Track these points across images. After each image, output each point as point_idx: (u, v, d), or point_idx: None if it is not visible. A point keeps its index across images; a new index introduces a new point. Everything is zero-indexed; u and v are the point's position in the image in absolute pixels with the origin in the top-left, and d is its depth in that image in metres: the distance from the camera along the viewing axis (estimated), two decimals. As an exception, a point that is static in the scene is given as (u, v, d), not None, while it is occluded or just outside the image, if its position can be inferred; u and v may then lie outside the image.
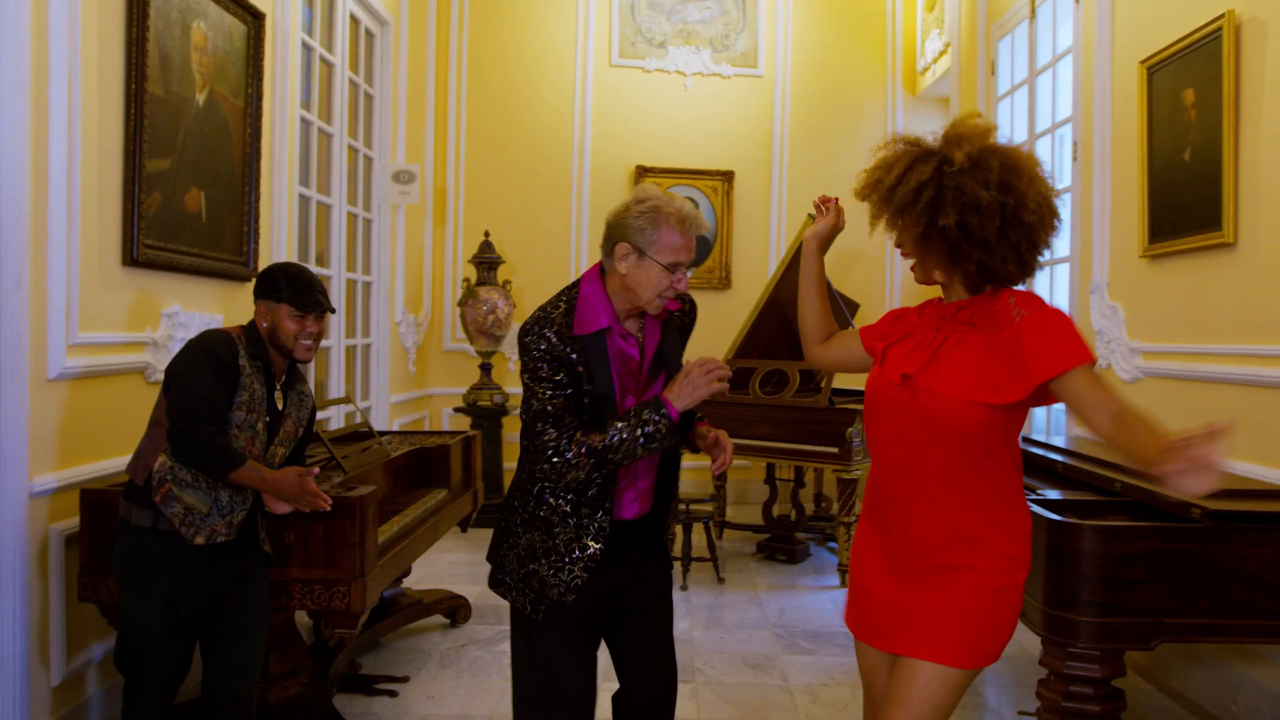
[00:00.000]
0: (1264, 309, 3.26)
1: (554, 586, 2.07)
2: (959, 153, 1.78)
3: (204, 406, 2.33)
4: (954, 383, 1.80)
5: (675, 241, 2.05)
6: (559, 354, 2.03)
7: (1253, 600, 2.34)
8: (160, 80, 3.26)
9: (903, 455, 1.88)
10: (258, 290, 2.56)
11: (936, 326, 1.91)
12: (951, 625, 1.82)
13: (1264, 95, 3.28)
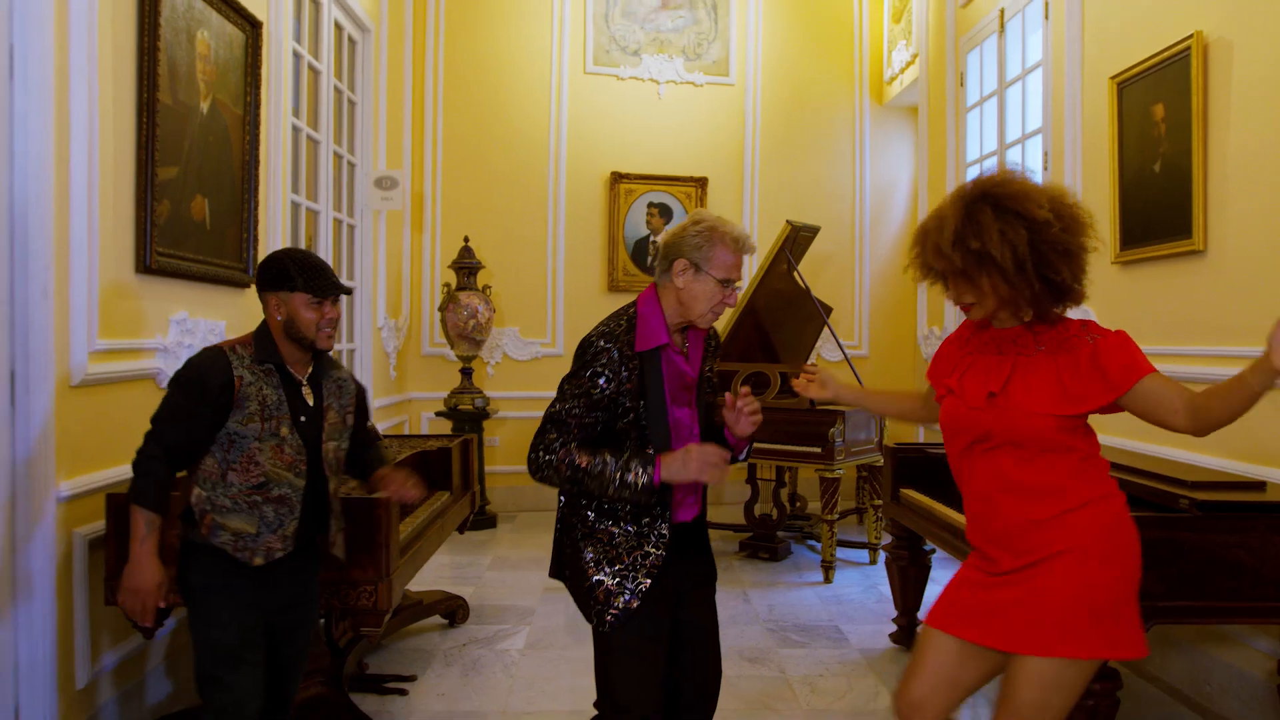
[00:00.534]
0: (1233, 312, 3.46)
1: (619, 595, 2.17)
2: (1041, 211, 1.94)
3: (160, 424, 2.28)
4: (1033, 398, 2.00)
5: (728, 259, 2.21)
6: (616, 368, 2.16)
7: (1236, 585, 2.51)
8: (169, 89, 3.29)
9: (992, 465, 2.06)
10: (265, 282, 2.41)
11: (999, 350, 2.08)
12: (1047, 615, 1.96)
13: (1230, 111, 3.48)
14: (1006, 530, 2.03)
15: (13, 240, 2.58)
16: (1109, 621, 1.96)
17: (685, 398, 2.26)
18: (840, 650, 4.14)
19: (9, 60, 2.57)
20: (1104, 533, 2.01)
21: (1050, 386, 2.00)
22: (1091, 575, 1.96)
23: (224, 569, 2.33)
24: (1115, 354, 1.96)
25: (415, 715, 3.40)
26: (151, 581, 2.27)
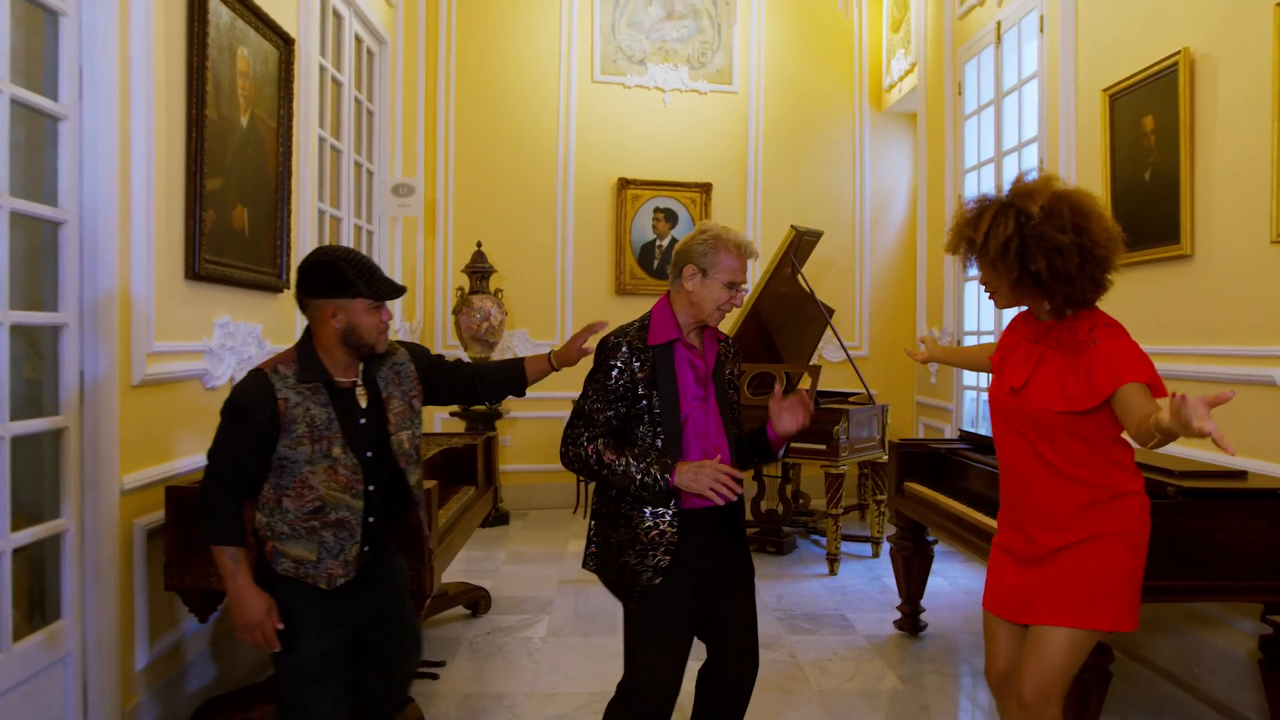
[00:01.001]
0: (1219, 313, 3.66)
1: (642, 573, 2.37)
2: (1034, 206, 2.14)
3: (216, 462, 2.25)
4: (1040, 394, 2.22)
5: (732, 264, 2.43)
6: (629, 359, 2.38)
7: (1219, 565, 2.72)
8: (215, 104, 3.48)
9: (1022, 449, 2.29)
10: (319, 289, 2.29)
11: (1035, 339, 2.30)
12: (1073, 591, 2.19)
13: (1216, 123, 3.69)
14: (1038, 511, 2.25)
15: (82, 252, 2.77)
16: (1123, 600, 2.19)
17: (699, 393, 2.45)
18: (847, 636, 4.34)
19: (79, 82, 2.76)
20: (1130, 524, 2.22)
21: (1055, 385, 2.21)
22: (1115, 560, 2.18)
23: (300, 591, 2.30)
24: (1103, 362, 2.12)
25: (447, 697, 3.59)
26: (259, 611, 2.24)
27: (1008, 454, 2.33)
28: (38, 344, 2.73)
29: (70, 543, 2.77)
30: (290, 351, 2.34)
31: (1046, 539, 2.24)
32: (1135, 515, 2.23)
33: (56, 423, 2.72)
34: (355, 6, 5.41)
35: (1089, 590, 2.18)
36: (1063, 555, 2.22)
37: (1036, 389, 2.24)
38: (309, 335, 2.34)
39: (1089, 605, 2.18)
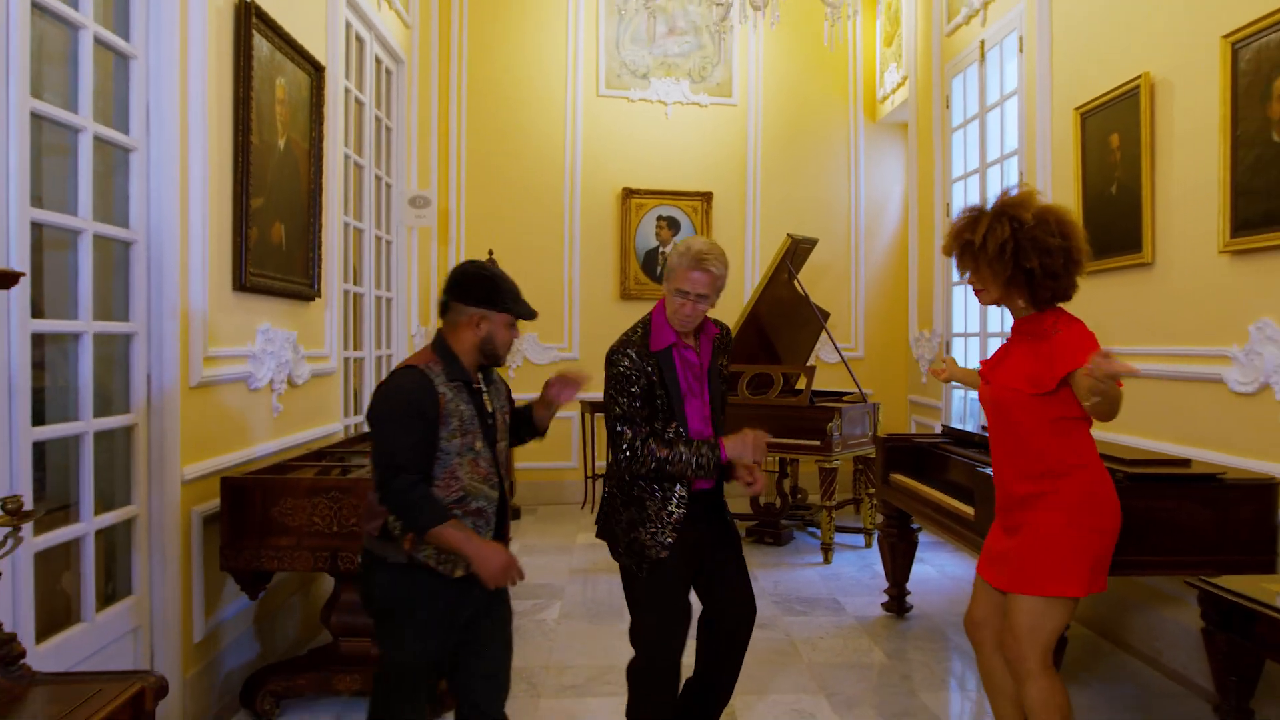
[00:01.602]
0: (1175, 316, 3.99)
1: (651, 547, 2.72)
2: (1026, 214, 2.51)
3: (400, 456, 2.30)
4: (1007, 378, 2.59)
5: (681, 274, 2.74)
6: (639, 367, 2.71)
7: (1162, 541, 3.05)
8: (257, 130, 3.82)
9: (998, 429, 2.68)
10: (473, 298, 2.44)
11: (1015, 334, 2.69)
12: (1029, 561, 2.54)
13: (1173, 142, 4.01)
14: (1009, 488, 2.63)
15: (149, 268, 3.12)
16: (1085, 566, 2.52)
17: (696, 388, 2.80)
18: (838, 617, 4.68)
19: (146, 117, 3.11)
20: (1085, 496, 2.56)
21: (1022, 368, 2.59)
22: (1073, 529, 2.52)
23: (424, 585, 2.37)
24: (1062, 349, 2.50)
25: (471, 670, 3.92)
26: (504, 554, 2.33)
27: (993, 437, 2.71)
28: (113, 350, 3.08)
29: (140, 527, 3.12)
30: (428, 353, 2.47)
31: (1014, 507, 2.62)
32: (1085, 489, 2.57)
33: (128, 420, 3.06)
34: (375, 30, 5.75)
35: (1039, 560, 2.53)
36: (1024, 526, 2.57)
37: (1005, 374, 2.63)
38: (444, 339, 2.48)
39: (1040, 574, 2.53)
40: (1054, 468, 2.56)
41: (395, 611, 2.39)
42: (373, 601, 2.43)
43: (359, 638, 3.51)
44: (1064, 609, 2.57)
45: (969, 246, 2.62)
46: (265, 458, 3.84)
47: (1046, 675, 2.55)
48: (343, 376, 5.10)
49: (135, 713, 1.60)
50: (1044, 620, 2.56)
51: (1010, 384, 2.59)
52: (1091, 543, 2.57)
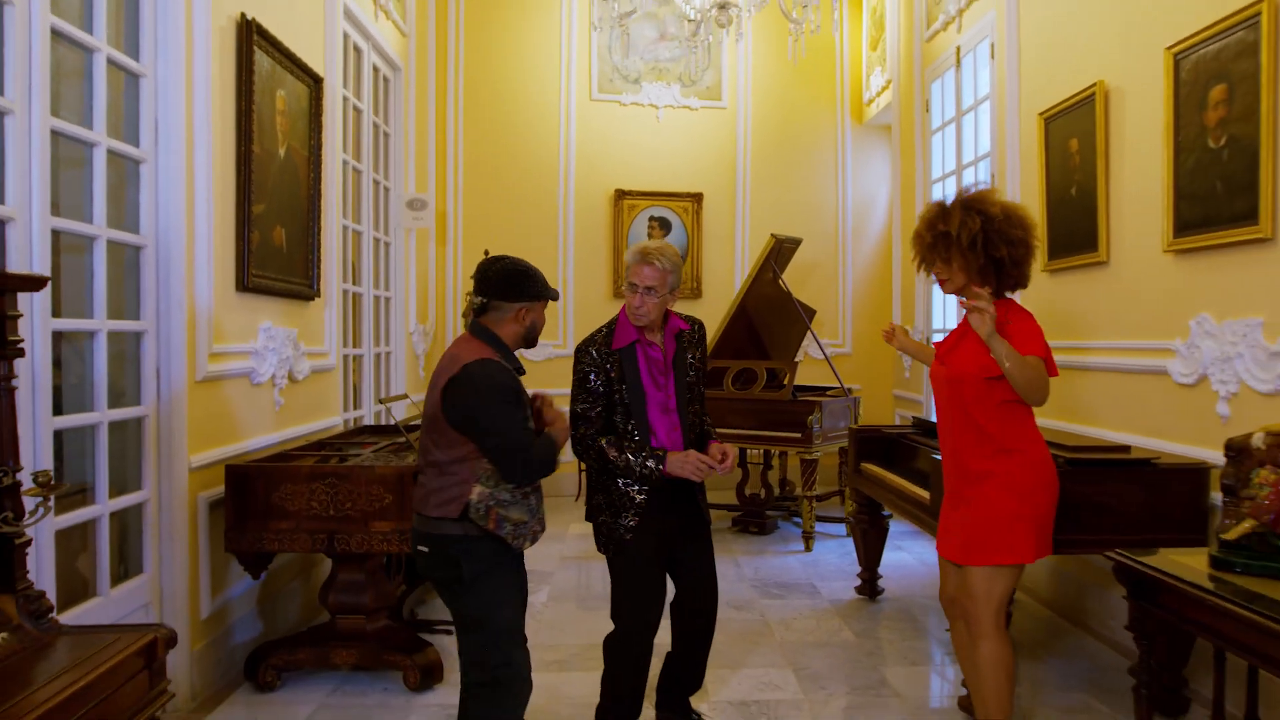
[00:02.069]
0: (1128, 312, 4.21)
1: (616, 529, 2.96)
2: (993, 209, 2.78)
3: (524, 435, 2.53)
4: (962, 360, 2.83)
5: (632, 269, 3.01)
6: (599, 363, 2.96)
7: (1098, 521, 3.28)
8: (259, 140, 4.06)
9: (948, 410, 2.92)
10: (520, 293, 2.64)
11: (961, 327, 2.93)
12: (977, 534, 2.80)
13: (1125, 146, 4.23)
14: (958, 465, 2.88)
15: (158, 270, 3.36)
16: (1030, 536, 2.78)
17: (661, 381, 3.04)
18: (813, 600, 4.91)
19: (154, 131, 3.35)
20: (1026, 472, 2.82)
21: (975, 355, 2.83)
22: (1016, 503, 2.77)
23: (502, 555, 2.59)
24: (1011, 339, 2.76)
25: (461, 648, 4.17)
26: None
27: (942, 417, 2.95)
28: (125, 347, 3.32)
29: (150, 510, 3.37)
30: (483, 346, 2.60)
31: (964, 485, 2.87)
32: (1029, 466, 2.81)
33: (140, 412, 3.31)
34: (373, 40, 5.99)
35: (990, 532, 2.79)
36: (974, 500, 2.82)
37: (960, 356, 2.88)
38: (491, 331, 2.64)
39: (991, 545, 2.80)
40: (1001, 446, 2.81)
41: (484, 578, 2.55)
42: (461, 569, 2.54)
43: (355, 615, 3.75)
44: (1013, 574, 2.85)
45: (944, 237, 2.86)
46: (267, 448, 4.08)
47: (999, 636, 2.82)
48: (342, 372, 5.34)
49: (148, 659, 1.84)
50: (996, 585, 2.82)
51: (964, 368, 2.84)
52: (1037, 515, 2.83)
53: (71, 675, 1.67)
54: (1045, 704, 3.59)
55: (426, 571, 2.66)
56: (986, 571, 2.81)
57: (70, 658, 1.75)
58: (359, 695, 3.64)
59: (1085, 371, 4.55)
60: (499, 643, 2.58)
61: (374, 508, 3.54)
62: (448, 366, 2.57)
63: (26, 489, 1.82)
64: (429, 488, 2.59)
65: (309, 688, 3.70)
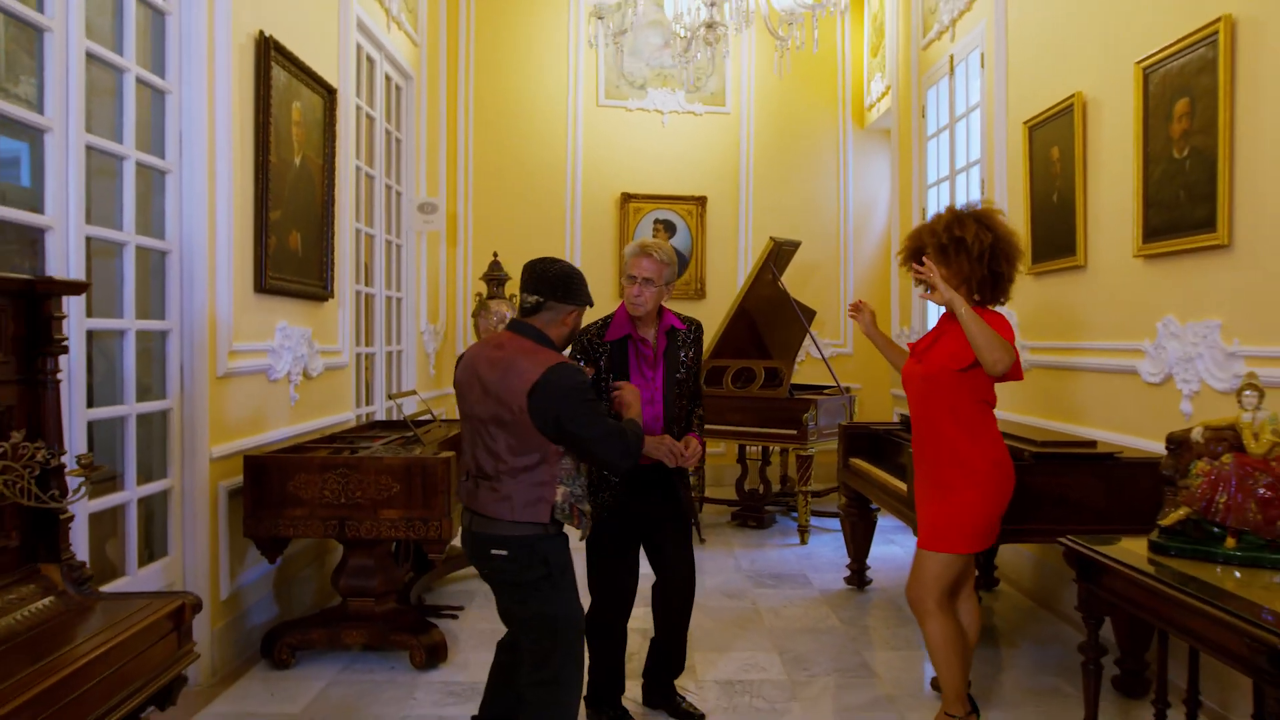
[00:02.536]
0: (1103, 314, 4.40)
1: (595, 509, 3.17)
2: (1001, 229, 3.05)
3: (617, 428, 2.61)
4: (937, 356, 3.04)
5: (630, 262, 3.26)
6: (588, 352, 3.21)
7: (1061, 512, 3.48)
8: (276, 150, 4.30)
9: (920, 406, 3.14)
10: (574, 296, 2.71)
11: (939, 326, 3.17)
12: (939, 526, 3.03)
13: (1101, 156, 4.42)
14: (929, 460, 3.10)
15: (182, 272, 3.61)
16: (983, 529, 3.01)
17: (649, 372, 3.26)
18: (804, 590, 5.12)
19: (179, 143, 3.59)
20: (990, 472, 3.05)
21: (948, 350, 3.06)
22: (975, 501, 3.00)
23: (567, 553, 2.68)
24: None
25: (466, 630, 4.40)
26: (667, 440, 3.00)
27: (915, 414, 3.17)
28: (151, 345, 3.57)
29: (174, 497, 3.61)
30: (541, 348, 2.62)
31: (934, 479, 3.09)
32: (993, 463, 3.04)
33: (165, 405, 3.55)
34: (385, 51, 6.23)
35: (952, 524, 3.02)
36: (946, 493, 3.04)
37: (935, 353, 3.10)
38: (544, 334, 2.67)
39: (952, 535, 3.04)
40: (969, 444, 3.03)
41: (563, 574, 2.63)
42: (546, 567, 2.59)
43: (364, 598, 3.99)
44: (964, 562, 3.09)
45: (959, 243, 3.06)
46: (283, 440, 4.32)
47: (944, 614, 3.06)
48: (355, 370, 5.58)
49: (177, 622, 2.07)
50: (949, 571, 3.07)
51: (940, 361, 3.07)
52: (994, 510, 3.04)
53: (109, 633, 1.90)
54: (1017, 686, 3.78)
55: (506, 576, 2.64)
56: (944, 559, 3.03)
57: (107, 619, 1.98)
58: (368, 673, 3.88)
59: (1065, 371, 4.73)
60: (573, 640, 2.63)
61: (382, 496, 3.77)
62: (507, 370, 2.55)
63: (70, 470, 2.06)
64: (504, 493, 2.57)
65: (321, 665, 3.94)
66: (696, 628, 4.45)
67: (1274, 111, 3.22)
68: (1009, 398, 5.41)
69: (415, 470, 3.78)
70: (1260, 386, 2.55)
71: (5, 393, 1.96)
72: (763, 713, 3.52)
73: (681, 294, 8.37)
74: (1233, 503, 2.50)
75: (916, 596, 3.07)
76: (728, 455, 7.84)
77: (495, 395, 2.55)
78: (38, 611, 1.94)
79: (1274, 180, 3.22)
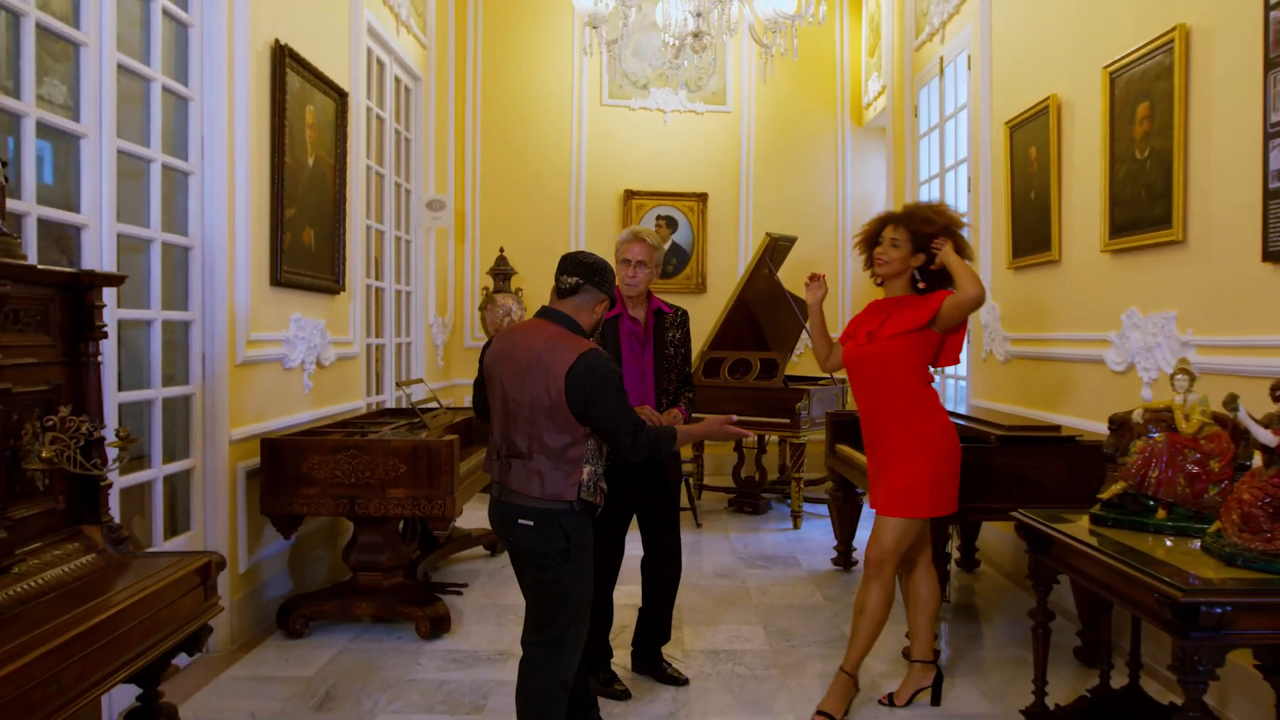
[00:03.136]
0: (1075, 306, 4.62)
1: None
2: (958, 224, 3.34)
3: (634, 414, 2.73)
4: (891, 328, 3.26)
5: (624, 247, 3.53)
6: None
7: (1025, 492, 3.70)
8: (290, 151, 4.56)
9: (869, 385, 3.36)
10: (606, 284, 2.84)
11: (880, 310, 3.38)
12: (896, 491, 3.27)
13: (1074, 156, 4.64)
14: (880, 434, 3.33)
15: (204, 268, 3.87)
16: (936, 494, 3.25)
17: (637, 349, 3.53)
18: (792, 571, 5.36)
19: (201, 146, 3.86)
20: (936, 440, 3.29)
21: (901, 316, 3.29)
22: (927, 467, 3.24)
23: (588, 528, 2.80)
24: (935, 297, 3.27)
25: (469, 605, 4.66)
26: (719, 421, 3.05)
27: (863, 392, 3.38)
28: (175, 334, 3.84)
29: (196, 476, 3.88)
30: (574, 334, 2.76)
31: (885, 450, 3.33)
32: (940, 433, 3.28)
33: (188, 390, 3.82)
34: (395, 54, 6.49)
35: (903, 488, 3.25)
36: (896, 461, 3.28)
37: (889, 327, 3.30)
38: (574, 321, 2.80)
39: (906, 501, 3.27)
40: (918, 415, 3.28)
41: (576, 549, 2.73)
42: (567, 541, 2.71)
43: (373, 572, 4.25)
44: (919, 527, 3.34)
45: (950, 229, 3.33)
46: (298, 425, 4.58)
47: (892, 581, 3.34)
48: (365, 360, 5.85)
49: (203, 577, 2.33)
50: (907, 536, 3.32)
51: (895, 330, 3.26)
52: (946, 475, 3.31)
53: (144, 583, 2.16)
54: (987, 657, 4.02)
55: (531, 545, 2.75)
56: (903, 523, 3.28)
57: (142, 573, 2.24)
58: (376, 641, 4.14)
59: (1042, 361, 4.96)
60: (579, 611, 2.77)
61: (390, 476, 4.03)
62: (545, 353, 2.67)
63: (109, 442, 2.32)
64: (535, 470, 2.70)
65: (333, 635, 4.20)
66: (687, 603, 4.71)
67: (1222, 116, 3.44)
68: (990, 386, 5.64)
69: (421, 452, 4.04)
70: (1191, 372, 2.77)
71: (54, 373, 2.22)
72: (743, 678, 3.77)
73: (683, 288, 8.62)
74: (1163, 478, 2.73)
75: (878, 559, 3.30)
76: (725, 444, 8.08)
77: (533, 378, 2.67)
78: (81, 565, 2.20)
79: (1222, 180, 3.44)
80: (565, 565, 2.72)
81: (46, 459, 2.06)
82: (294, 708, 3.44)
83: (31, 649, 1.72)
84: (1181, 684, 2.20)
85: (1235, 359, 3.33)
